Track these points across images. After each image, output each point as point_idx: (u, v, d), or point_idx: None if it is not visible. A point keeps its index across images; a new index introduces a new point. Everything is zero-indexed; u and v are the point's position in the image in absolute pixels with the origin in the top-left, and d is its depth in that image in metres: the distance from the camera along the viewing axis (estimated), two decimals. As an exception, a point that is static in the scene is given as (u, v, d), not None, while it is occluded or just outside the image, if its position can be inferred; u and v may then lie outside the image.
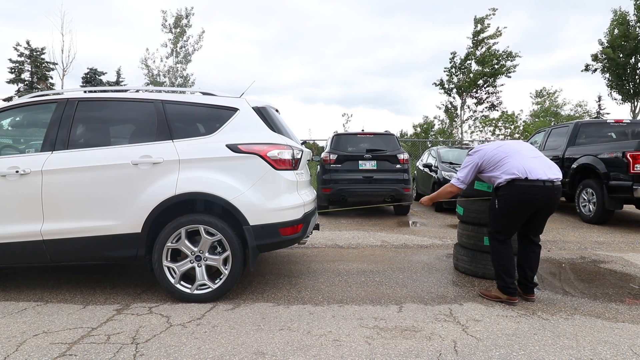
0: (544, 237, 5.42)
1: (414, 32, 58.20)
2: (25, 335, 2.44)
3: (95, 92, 3.56)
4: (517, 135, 22.96)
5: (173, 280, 2.97)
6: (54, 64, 23.73)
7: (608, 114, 31.53)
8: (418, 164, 10.30)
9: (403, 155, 7.33)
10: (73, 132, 3.14)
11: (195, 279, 2.98)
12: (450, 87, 22.14)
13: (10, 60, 25.50)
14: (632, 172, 5.65)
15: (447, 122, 24.33)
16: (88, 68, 27.97)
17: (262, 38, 61.65)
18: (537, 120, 30.39)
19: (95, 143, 3.11)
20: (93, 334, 2.45)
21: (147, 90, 3.73)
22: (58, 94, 3.37)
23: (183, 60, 22.99)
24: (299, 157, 3.37)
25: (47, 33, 49.25)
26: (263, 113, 3.25)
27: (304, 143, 4.36)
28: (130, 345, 2.30)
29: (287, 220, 3.07)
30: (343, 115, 36.35)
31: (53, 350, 2.24)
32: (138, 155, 2.99)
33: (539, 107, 37.82)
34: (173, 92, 3.74)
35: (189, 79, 23.29)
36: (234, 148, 3.00)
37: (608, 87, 21.49)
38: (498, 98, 22.04)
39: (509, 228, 3.00)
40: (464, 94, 22.11)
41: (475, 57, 20.85)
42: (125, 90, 3.70)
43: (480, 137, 23.11)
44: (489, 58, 20.37)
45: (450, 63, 21.86)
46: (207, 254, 2.98)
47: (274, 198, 3.03)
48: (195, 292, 2.98)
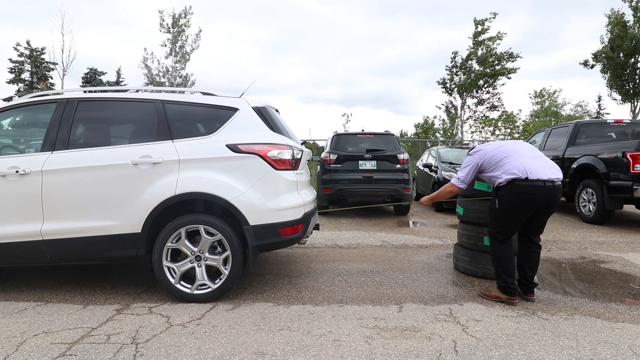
0: (544, 237, 5.42)
1: (415, 32, 58.32)
2: (25, 335, 2.44)
3: (95, 92, 3.57)
4: (516, 135, 22.96)
5: (173, 280, 2.97)
6: (54, 64, 23.76)
7: (608, 114, 31.55)
8: (418, 164, 10.30)
9: (403, 155, 7.33)
10: (73, 132, 3.14)
11: (195, 279, 2.98)
12: (452, 86, 22.16)
13: (10, 60, 25.52)
14: (632, 172, 5.65)
15: (447, 122, 24.35)
16: (88, 68, 28.00)
17: (262, 38, 61.78)
18: (537, 120, 30.40)
19: (95, 143, 3.11)
20: (93, 334, 2.45)
21: (147, 90, 3.73)
22: (58, 94, 3.37)
23: (182, 60, 22.98)
24: (299, 157, 3.37)
25: (47, 33, 49.31)
26: (263, 113, 3.25)
27: (304, 143, 4.36)
28: (130, 345, 2.30)
29: (287, 220, 3.07)
30: (343, 115, 36.39)
31: (53, 350, 2.24)
32: (138, 155, 2.99)
33: (539, 107, 37.82)
34: (173, 92, 3.74)
35: (189, 79, 23.29)
36: (234, 148, 3.01)
37: (608, 87, 21.51)
38: (500, 99, 22.06)
39: (509, 228, 3.01)
40: (465, 94, 22.13)
41: (477, 57, 20.89)
42: (125, 90, 3.70)
43: (481, 137, 23.14)
44: (490, 58, 20.42)
45: (452, 62, 21.90)
46: (207, 254, 2.98)
47: (274, 198, 3.03)
48: (195, 292, 2.98)
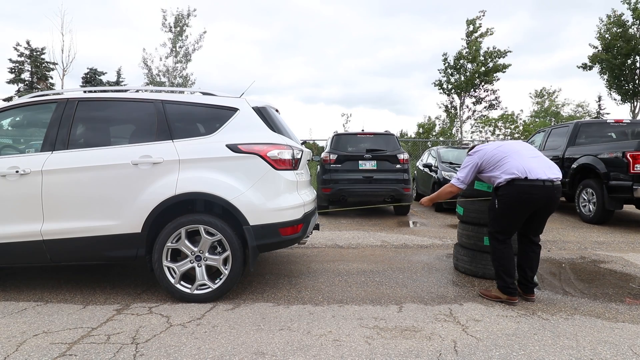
0: (544, 237, 5.41)
1: (416, 32, 58.29)
2: (25, 335, 2.44)
3: (95, 92, 3.57)
4: (517, 135, 22.98)
5: (173, 280, 2.97)
6: (54, 64, 23.75)
7: (608, 114, 31.55)
8: (418, 164, 10.30)
9: (403, 155, 7.32)
10: (73, 132, 3.14)
11: (195, 279, 2.98)
12: (449, 87, 22.20)
13: (10, 60, 25.54)
14: (632, 172, 5.65)
15: (447, 122, 24.37)
16: (88, 68, 28.03)
17: (263, 38, 61.80)
18: (537, 121, 30.41)
19: (95, 143, 3.11)
20: (93, 334, 2.45)
21: (147, 90, 3.73)
22: (58, 94, 3.37)
23: (183, 60, 22.97)
24: (299, 157, 3.37)
25: (47, 33, 49.29)
26: (263, 113, 3.25)
27: (304, 143, 4.36)
28: (130, 345, 2.30)
29: (287, 220, 3.07)
30: (342, 115, 36.38)
31: (53, 350, 2.24)
32: (138, 155, 2.99)
33: (539, 107, 37.82)
34: (173, 92, 3.74)
35: (189, 79, 23.27)
36: (234, 148, 3.01)
37: (607, 87, 21.50)
38: (497, 97, 22.09)
39: (509, 228, 3.01)
40: (463, 94, 22.15)
41: (464, 56, 20.95)
42: (125, 90, 3.70)
43: (480, 137, 23.15)
44: (478, 55, 20.48)
45: (444, 64, 21.95)
46: (207, 254, 2.98)
47: (274, 198, 3.03)
48: (195, 292, 2.98)
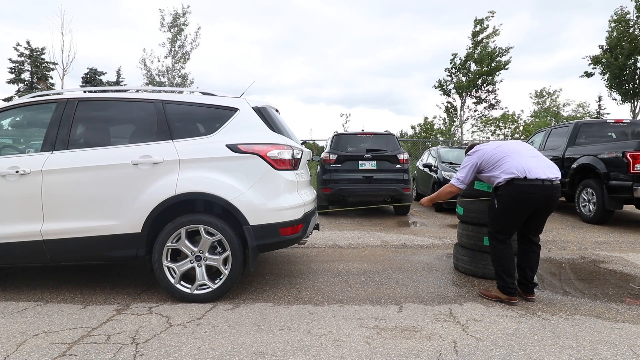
0: (544, 237, 5.41)
1: (417, 32, 58.22)
2: (25, 335, 2.44)
3: (95, 92, 3.56)
4: (517, 136, 22.97)
5: (173, 280, 2.97)
6: (54, 64, 23.76)
7: (608, 114, 31.55)
8: (418, 164, 10.30)
9: (403, 155, 7.32)
10: (73, 132, 3.14)
11: (195, 279, 2.98)
12: (450, 87, 22.23)
13: (10, 60, 25.54)
14: (632, 172, 5.65)
15: (447, 122, 24.38)
16: (88, 68, 28.04)
17: (265, 38, 61.78)
18: (537, 121, 30.40)
19: (95, 143, 3.11)
20: (93, 334, 2.45)
21: (147, 90, 3.73)
22: (58, 94, 3.37)
23: (182, 59, 22.96)
24: (299, 157, 3.37)
25: (47, 33, 49.30)
26: (263, 113, 3.25)
27: (304, 143, 4.36)
28: (130, 345, 2.30)
29: (287, 220, 3.07)
30: (342, 115, 36.34)
31: (53, 350, 2.24)
32: (138, 155, 2.99)
33: (539, 107, 37.82)
34: (173, 92, 3.74)
35: (187, 78, 23.26)
36: (234, 148, 3.01)
37: (607, 87, 21.50)
38: (496, 97, 22.12)
39: (509, 228, 3.01)
40: (464, 94, 22.17)
41: (474, 58, 21.02)
42: (125, 90, 3.70)
43: (481, 137, 23.13)
44: (486, 57, 20.57)
45: (451, 64, 21.95)
46: (207, 254, 2.98)
47: (274, 198, 3.03)
48: (195, 292, 2.98)
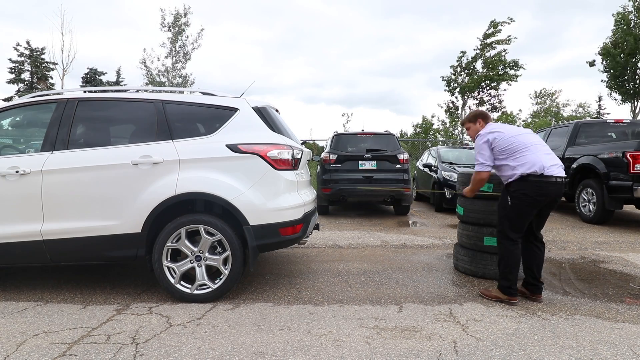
0: (544, 237, 5.40)
1: (418, 32, 58.28)
2: (25, 335, 2.44)
3: (95, 92, 3.56)
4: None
5: (173, 280, 2.97)
6: (54, 64, 23.76)
7: (608, 114, 31.56)
8: (418, 164, 10.30)
9: (403, 155, 7.32)
10: (73, 132, 3.14)
11: (195, 279, 2.98)
12: (454, 86, 22.17)
13: (10, 60, 25.55)
14: (632, 172, 5.65)
15: (447, 122, 24.38)
16: (88, 68, 28.04)
17: (266, 39, 61.85)
18: (537, 121, 30.41)
19: (95, 143, 3.11)
20: (93, 334, 2.45)
21: (147, 90, 3.73)
22: (58, 94, 3.37)
23: (183, 59, 22.95)
24: (299, 157, 3.37)
25: (47, 33, 49.30)
26: (263, 113, 3.25)
27: (304, 143, 4.36)
28: (130, 345, 2.30)
29: (287, 220, 3.07)
30: (343, 115, 36.33)
31: (53, 350, 2.25)
32: (138, 155, 2.99)
33: (540, 107, 37.82)
34: (173, 92, 3.74)
35: (188, 79, 23.25)
36: (234, 148, 3.01)
37: (608, 87, 21.50)
38: (501, 102, 22.06)
39: (522, 226, 2.94)
40: (467, 95, 22.13)
41: (484, 58, 20.89)
42: (125, 90, 3.70)
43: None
44: (497, 63, 20.41)
45: (458, 62, 21.86)
46: (207, 254, 2.98)
47: (274, 198, 3.03)
48: (195, 292, 2.98)
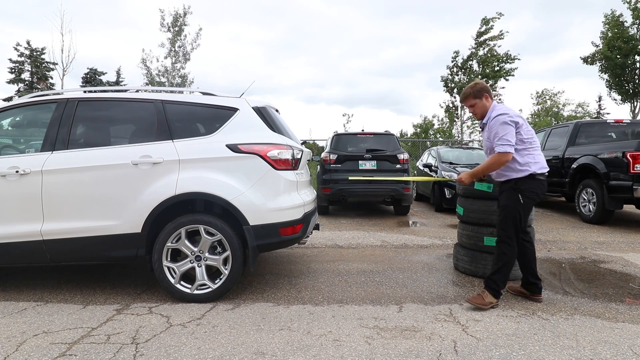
0: (544, 237, 5.42)
1: (419, 33, 58.18)
2: (25, 335, 2.44)
3: (95, 92, 3.57)
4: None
5: (173, 280, 2.97)
6: (54, 64, 23.75)
7: (608, 114, 31.56)
8: (418, 164, 10.30)
9: (403, 155, 7.32)
10: (73, 132, 3.14)
11: (195, 279, 2.98)
12: (452, 86, 22.19)
13: (11, 60, 25.55)
14: (632, 172, 5.65)
15: (446, 121, 24.37)
16: (88, 68, 28.04)
17: (267, 39, 61.82)
18: (537, 120, 30.41)
19: (95, 143, 3.11)
20: (93, 334, 2.45)
21: (147, 90, 3.73)
22: (58, 94, 3.37)
23: (182, 59, 22.94)
24: (299, 157, 3.37)
25: (47, 33, 49.29)
26: (263, 113, 3.25)
27: (304, 143, 4.36)
28: (130, 345, 2.30)
29: (287, 220, 3.07)
30: (343, 115, 36.32)
31: (53, 350, 2.25)
32: (138, 155, 2.99)
33: (540, 107, 37.82)
34: (173, 92, 3.74)
35: (187, 78, 23.23)
36: (234, 148, 3.01)
37: (607, 87, 21.50)
38: (500, 100, 22.10)
39: (525, 225, 2.92)
40: None
41: (477, 57, 20.95)
42: (125, 90, 3.70)
43: (480, 136, 23.11)
44: (491, 59, 20.49)
45: (453, 62, 21.91)
46: (207, 254, 2.98)
47: (274, 198, 3.03)
48: (195, 292, 2.98)
